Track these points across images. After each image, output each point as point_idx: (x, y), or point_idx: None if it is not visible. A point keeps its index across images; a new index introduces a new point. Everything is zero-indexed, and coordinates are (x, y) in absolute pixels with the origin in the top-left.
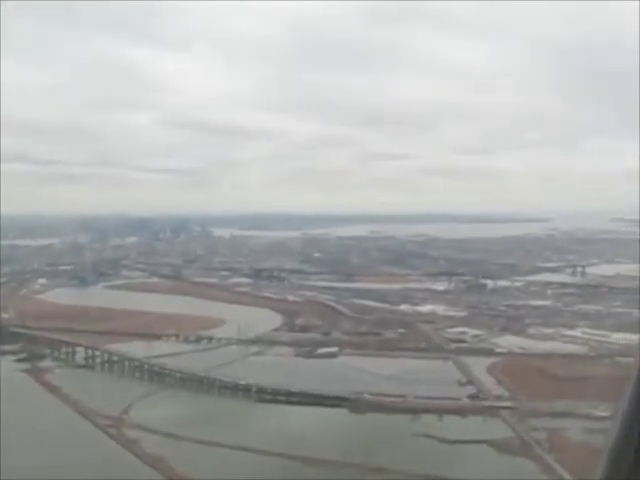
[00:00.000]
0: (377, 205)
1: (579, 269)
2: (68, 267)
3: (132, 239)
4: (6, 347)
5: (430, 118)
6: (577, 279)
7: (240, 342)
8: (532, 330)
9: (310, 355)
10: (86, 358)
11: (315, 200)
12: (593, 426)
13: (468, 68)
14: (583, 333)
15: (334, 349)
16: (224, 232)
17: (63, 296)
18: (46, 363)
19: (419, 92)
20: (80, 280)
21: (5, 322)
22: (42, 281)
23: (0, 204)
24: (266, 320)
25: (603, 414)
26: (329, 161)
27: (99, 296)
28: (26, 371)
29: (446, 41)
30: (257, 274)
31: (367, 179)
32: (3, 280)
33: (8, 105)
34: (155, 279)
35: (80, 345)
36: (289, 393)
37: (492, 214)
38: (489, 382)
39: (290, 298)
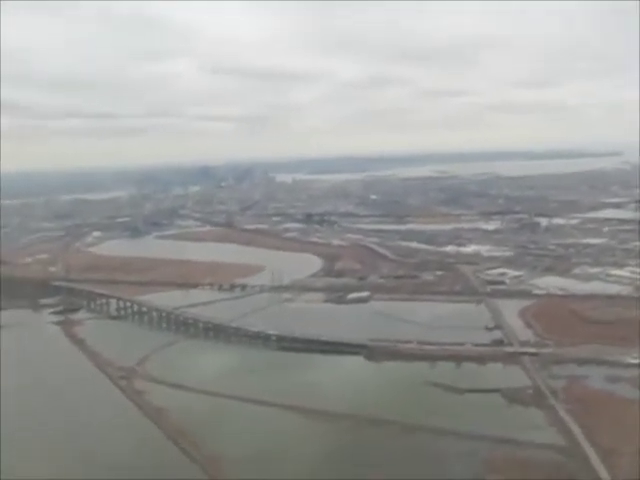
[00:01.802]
0: (443, 144)
1: None
2: (125, 219)
3: (195, 188)
4: (46, 300)
5: (477, 52)
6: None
7: (273, 289)
8: (577, 270)
9: (340, 301)
10: (118, 309)
11: (380, 141)
12: (618, 374)
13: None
14: (631, 272)
15: (365, 294)
16: (287, 177)
17: (113, 248)
18: (80, 315)
19: (459, 25)
20: (133, 231)
21: (50, 276)
22: (96, 234)
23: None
24: (306, 265)
25: (633, 361)
26: (387, 100)
27: (148, 246)
28: (58, 323)
29: None
30: (309, 219)
31: (430, 118)
32: (60, 234)
33: (46, 62)
34: (207, 227)
35: (113, 297)
36: (307, 341)
37: (562, 150)
38: (518, 326)
39: (335, 242)
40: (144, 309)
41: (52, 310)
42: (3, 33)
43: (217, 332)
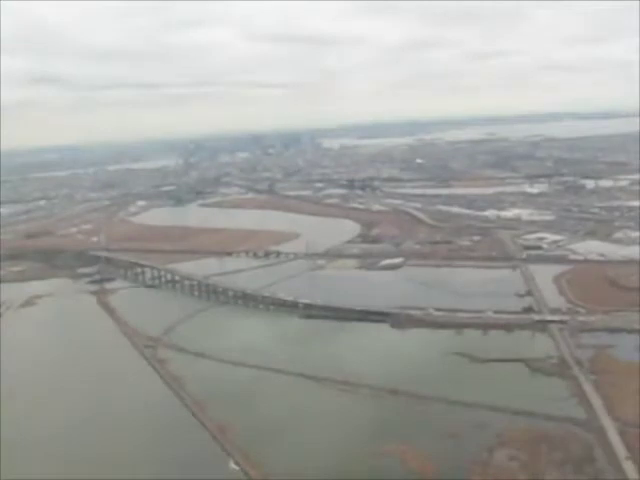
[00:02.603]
0: (494, 106)
1: None
2: (170, 188)
3: (242, 155)
4: (84, 270)
5: (527, 6)
6: None
7: (307, 256)
8: (619, 234)
9: (373, 267)
10: (152, 278)
11: (430, 105)
12: None
13: None
14: None
15: (399, 260)
16: (335, 143)
17: (155, 216)
18: (115, 284)
19: None
20: (176, 200)
21: (91, 245)
22: (141, 203)
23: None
24: (343, 231)
25: None
26: (434, 63)
27: (189, 215)
28: (93, 293)
29: None
30: (351, 184)
31: (479, 80)
32: (106, 203)
33: (85, 35)
34: (250, 194)
35: (147, 266)
36: (333, 309)
37: (615, 110)
38: (551, 293)
39: (375, 208)
40: (177, 278)
41: (89, 279)
42: (39, 11)
43: (246, 300)
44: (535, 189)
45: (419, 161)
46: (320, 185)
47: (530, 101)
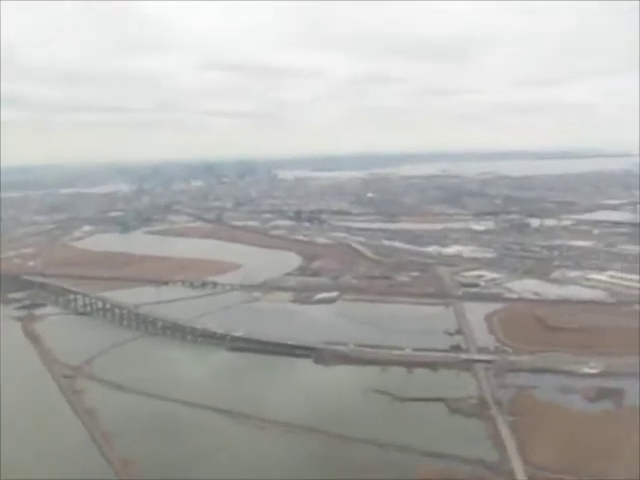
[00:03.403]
0: (451, 143)
1: (639, 207)
2: (118, 213)
3: (197, 183)
4: (15, 295)
5: (477, 49)
6: (635, 217)
7: (243, 287)
8: (556, 273)
9: (307, 301)
10: (84, 306)
11: (386, 139)
12: (571, 384)
13: None
14: (611, 277)
15: (334, 294)
16: (290, 175)
17: (99, 242)
18: (45, 311)
19: (450, 19)
20: (123, 226)
21: (26, 270)
22: (86, 228)
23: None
24: (284, 264)
25: (590, 371)
26: (389, 98)
27: (133, 242)
28: (20, 319)
29: None
30: (299, 216)
31: (436, 116)
32: (50, 227)
33: (39, 56)
34: (198, 223)
35: (79, 293)
36: (259, 342)
37: (572, 150)
38: (481, 332)
39: (320, 241)
40: (108, 306)
41: (18, 305)
42: None
43: (174, 331)
44: (481, 226)
45: (370, 195)
46: (269, 216)
47: (485, 139)
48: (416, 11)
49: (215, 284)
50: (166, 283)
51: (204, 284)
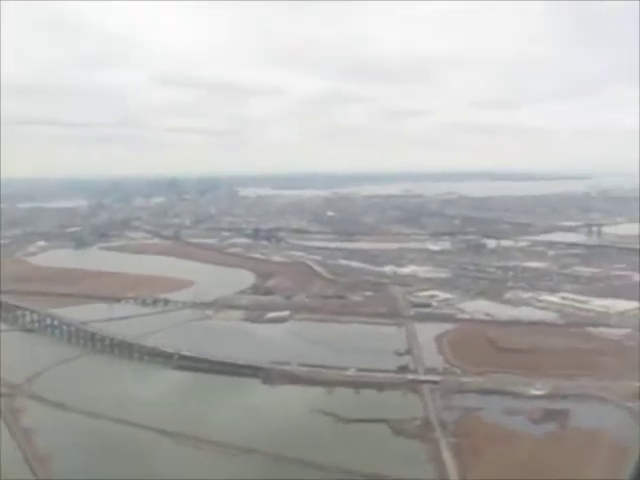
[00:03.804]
0: (415, 163)
1: (594, 228)
2: (76, 229)
3: (158, 199)
4: None
5: (433, 68)
6: (590, 239)
7: (195, 305)
8: (509, 294)
9: (258, 320)
10: (31, 322)
11: (349, 159)
12: (518, 406)
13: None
14: (562, 298)
15: (285, 313)
16: (252, 192)
17: (52, 258)
18: None
19: (406, 41)
20: (78, 242)
21: None
22: (40, 243)
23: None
24: (238, 282)
25: (537, 392)
26: (351, 117)
27: (88, 258)
28: None
29: None
30: (257, 234)
31: (398, 136)
32: (6, 242)
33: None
34: (156, 240)
35: (27, 309)
36: (207, 361)
37: (533, 172)
38: (430, 352)
39: (276, 259)
40: (56, 322)
41: None
42: None
43: (121, 349)
44: (437, 246)
45: (330, 214)
46: (227, 234)
47: (447, 160)
48: (375, 31)
49: (167, 301)
50: (118, 300)
51: (156, 301)
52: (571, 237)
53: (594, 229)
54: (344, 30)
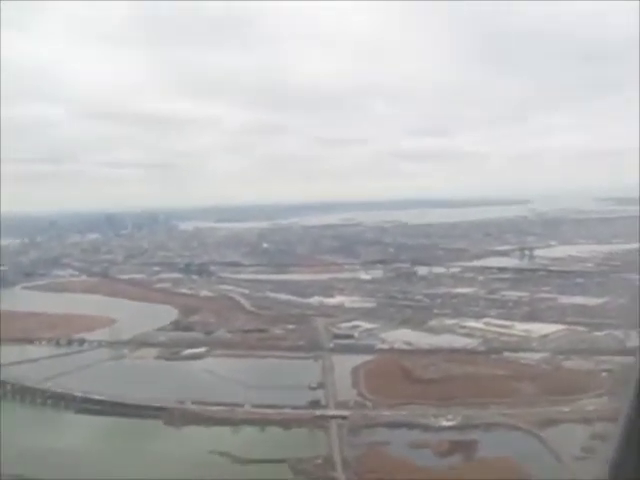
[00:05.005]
0: (353, 191)
1: (527, 252)
2: (2, 268)
3: (93, 235)
4: None
5: (360, 97)
6: (522, 263)
7: (111, 344)
8: (434, 322)
9: (174, 357)
10: None
11: (290, 189)
12: (426, 439)
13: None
14: (486, 324)
15: (202, 350)
16: (191, 225)
17: None
18: None
19: (325, 68)
20: (1, 281)
21: None
22: None
23: None
24: (160, 318)
25: (446, 424)
26: (287, 147)
27: (9, 298)
28: None
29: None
30: (188, 269)
31: (336, 165)
32: None
33: None
34: (83, 277)
35: None
36: (110, 404)
37: (474, 198)
38: (344, 385)
39: (203, 294)
40: None
41: None
42: None
43: (23, 394)
44: (369, 275)
45: (265, 246)
46: (157, 269)
47: (385, 187)
48: (303, 61)
49: (83, 341)
50: (31, 341)
51: (71, 341)
52: (503, 261)
53: (526, 253)
54: (268, 59)
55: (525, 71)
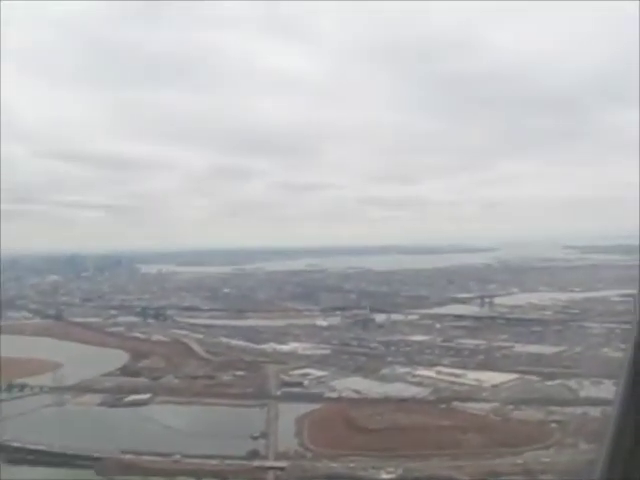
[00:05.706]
0: (318, 237)
1: (487, 300)
2: None
3: (54, 277)
4: None
5: (324, 142)
6: (481, 310)
7: (53, 390)
8: (386, 370)
9: (116, 404)
10: None
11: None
12: None
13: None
14: (437, 373)
15: (146, 396)
16: (153, 269)
17: None
18: None
19: (279, 112)
20: None
21: None
22: None
23: None
24: (108, 363)
25: (386, 476)
26: (250, 192)
27: None
28: None
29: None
30: (145, 313)
31: (301, 210)
32: None
33: None
34: (36, 320)
35: None
36: (42, 453)
37: (441, 245)
38: (287, 435)
39: (156, 338)
40: None
41: None
42: None
43: None
44: (326, 322)
45: (226, 290)
46: (114, 312)
47: (351, 233)
48: (258, 104)
49: (24, 386)
50: None
51: (10, 387)
52: (463, 309)
53: (487, 300)
54: (227, 103)
55: (489, 117)
